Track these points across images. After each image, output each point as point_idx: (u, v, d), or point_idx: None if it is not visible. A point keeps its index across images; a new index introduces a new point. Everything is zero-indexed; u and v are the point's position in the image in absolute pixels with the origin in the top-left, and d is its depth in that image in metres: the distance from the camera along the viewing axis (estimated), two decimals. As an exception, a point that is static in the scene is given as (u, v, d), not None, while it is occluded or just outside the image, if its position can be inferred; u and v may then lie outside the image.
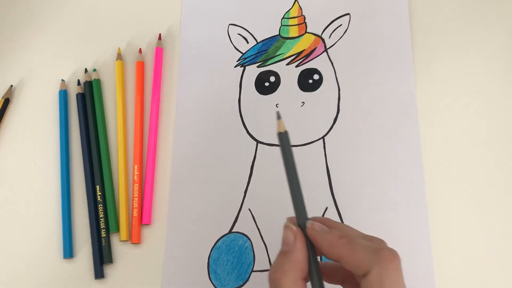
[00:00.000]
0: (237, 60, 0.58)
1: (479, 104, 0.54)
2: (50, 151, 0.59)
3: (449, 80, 0.55)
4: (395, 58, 0.56)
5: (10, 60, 0.64)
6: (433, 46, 0.56)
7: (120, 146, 0.57)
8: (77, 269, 0.54)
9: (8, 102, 0.61)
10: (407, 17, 0.57)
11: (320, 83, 0.56)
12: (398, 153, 0.52)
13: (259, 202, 0.53)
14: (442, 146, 0.53)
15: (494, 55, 0.55)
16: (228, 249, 0.52)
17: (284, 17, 0.59)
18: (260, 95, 0.57)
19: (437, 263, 0.49)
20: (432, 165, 0.52)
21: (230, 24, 0.60)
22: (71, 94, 0.61)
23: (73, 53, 0.63)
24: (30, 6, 0.66)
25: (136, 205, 0.54)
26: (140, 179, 0.56)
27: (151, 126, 0.57)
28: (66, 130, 0.59)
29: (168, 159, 0.56)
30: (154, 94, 0.58)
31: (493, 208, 0.50)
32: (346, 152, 0.53)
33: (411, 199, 0.51)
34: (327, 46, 0.57)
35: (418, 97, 0.54)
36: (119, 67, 0.60)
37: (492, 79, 0.54)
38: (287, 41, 0.58)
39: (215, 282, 0.51)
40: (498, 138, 0.52)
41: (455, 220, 0.50)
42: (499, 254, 0.49)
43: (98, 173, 0.56)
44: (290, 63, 0.57)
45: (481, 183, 0.51)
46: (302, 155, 0.54)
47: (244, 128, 0.56)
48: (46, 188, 0.57)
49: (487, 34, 0.56)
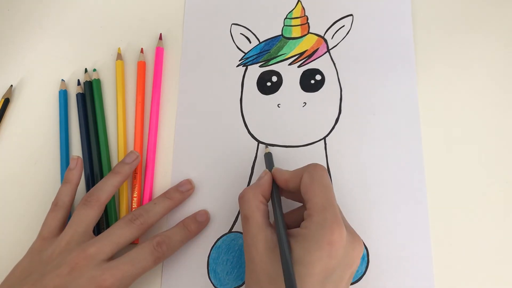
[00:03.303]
0: (239, 60, 0.58)
1: (480, 105, 0.54)
2: (50, 151, 0.59)
3: (451, 81, 0.55)
4: (397, 59, 0.56)
5: (10, 60, 0.64)
6: (435, 47, 0.56)
7: (120, 146, 0.57)
8: (75, 269, 0.53)
9: (8, 102, 0.61)
10: (409, 18, 0.57)
11: (322, 83, 0.56)
12: (400, 153, 0.52)
13: (259, 202, 0.53)
14: (443, 146, 0.53)
15: (496, 57, 0.55)
16: (228, 249, 0.52)
17: (287, 17, 0.59)
18: (262, 95, 0.57)
19: (437, 263, 0.49)
20: (433, 165, 0.52)
21: (232, 24, 0.60)
22: (71, 94, 0.61)
23: (73, 53, 0.63)
24: (30, 6, 0.66)
25: (136, 205, 0.54)
26: (140, 179, 0.55)
27: (151, 126, 0.57)
28: (66, 130, 0.58)
29: (168, 159, 0.56)
30: (155, 94, 0.58)
31: (493, 208, 0.50)
32: (347, 153, 0.53)
33: (412, 200, 0.51)
34: (330, 46, 0.57)
35: (420, 98, 0.54)
36: (119, 67, 0.60)
37: (493, 80, 0.55)
38: (289, 41, 0.58)
39: (215, 281, 0.51)
40: (499, 138, 0.53)
41: (455, 220, 0.50)
42: (499, 254, 0.49)
43: (98, 173, 0.56)
44: (292, 63, 0.57)
45: (481, 184, 0.51)
46: (303, 155, 0.54)
47: (246, 128, 0.56)
48: (46, 188, 0.57)
49: (488, 35, 0.56)
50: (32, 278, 0.45)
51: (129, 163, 0.53)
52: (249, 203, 0.45)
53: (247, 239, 0.43)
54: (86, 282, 0.44)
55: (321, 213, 0.41)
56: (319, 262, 0.39)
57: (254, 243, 0.43)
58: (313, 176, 0.44)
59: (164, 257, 0.49)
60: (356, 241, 0.42)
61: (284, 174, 0.47)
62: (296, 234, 0.42)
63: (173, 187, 0.54)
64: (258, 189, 0.46)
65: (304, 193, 0.43)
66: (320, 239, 0.40)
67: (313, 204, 0.42)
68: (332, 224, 0.40)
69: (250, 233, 0.43)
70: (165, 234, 0.50)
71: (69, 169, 0.53)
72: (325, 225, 0.40)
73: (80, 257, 0.45)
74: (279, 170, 0.48)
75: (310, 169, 0.44)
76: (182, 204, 0.54)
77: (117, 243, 0.47)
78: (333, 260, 0.39)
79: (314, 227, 0.41)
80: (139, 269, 0.46)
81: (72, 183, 0.52)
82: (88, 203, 0.49)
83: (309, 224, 0.41)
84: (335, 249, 0.39)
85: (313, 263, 0.39)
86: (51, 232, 0.50)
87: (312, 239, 0.40)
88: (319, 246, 0.39)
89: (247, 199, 0.45)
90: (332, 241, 0.39)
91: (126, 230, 0.48)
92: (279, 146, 0.54)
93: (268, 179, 0.47)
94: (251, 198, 0.45)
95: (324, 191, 0.43)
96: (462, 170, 0.52)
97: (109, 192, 0.51)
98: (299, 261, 0.40)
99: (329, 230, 0.40)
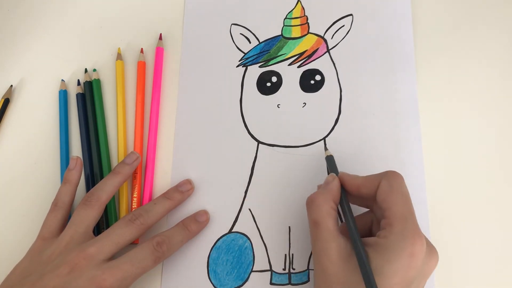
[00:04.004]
0: (239, 60, 0.58)
1: (480, 105, 0.54)
2: (50, 151, 0.59)
3: (451, 81, 0.55)
4: (397, 60, 0.56)
5: (10, 60, 0.64)
6: (435, 47, 0.56)
7: (120, 146, 0.57)
8: (75, 269, 0.53)
9: (8, 102, 0.61)
10: (409, 18, 0.57)
11: (322, 84, 0.56)
12: (400, 154, 0.52)
13: (259, 202, 0.53)
14: (443, 147, 0.53)
15: (496, 57, 0.55)
16: (228, 249, 0.52)
17: (286, 17, 0.59)
18: (261, 95, 0.57)
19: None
20: (433, 166, 0.52)
21: (232, 24, 0.60)
22: (71, 94, 0.61)
23: (73, 53, 0.63)
24: (30, 6, 0.66)
25: (136, 205, 0.54)
26: (140, 179, 0.55)
27: (151, 126, 0.57)
28: (66, 130, 0.58)
29: (168, 159, 0.56)
30: (155, 94, 0.58)
31: (494, 208, 0.51)
32: (347, 153, 0.53)
33: (412, 200, 0.50)
34: (330, 46, 0.57)
35: (420, 99, 0.54)
36: (119, 67, 0.60)
37: (493, 80, 0.55)
38: (289, 42, 0.58)
39: (215, 281, 0.51)
40: (499, 139, 0.53)
41: (455, 220, 0.50)
42: (499, 254, 0.49)
43: (98, 173, 0.56)
44: (292, 64, 0.57)
45: (481, 184, 0.52)
46: (303, 156, 0.53)
47: (245, 128, 0.56)
48: (46, 188, 0.57)
49: (488, 36, 0.56)
50: (32, 279, 0.45)
51: (129, 164, 0.53)
52: (320, 208, 0.43)
53: (318, 245, 0.43)
54: (86, 282, 0.44)
55: (402, 223, 0.40)
56: (399, 273, 0.39)
57: (326, 251, 0.42)
58: (392, 184, 0.42)
59: (164, 257, 0.48)
60: (433, 252, 0.42)
61: (356, 180, 0.45)
62: (373, 244, 0.41)
63: (173, 187, 0.54)
64: (329, 194, 0.44)
65: (382, 200, 0.42)
66: (401, 249, 0.39)
67: (393, 213, 0.41)
68: (414, 235, 0.39)
69: (321, 239, 0.42)
70: (165, 234, 0.50)
71: (69, 169, 0.53)
72: (407, 235, 0.39)
73: (80, 257, 0.45)
74: (348, 174, 0.46)
75: (388, 176, 0.43)
76: (182, 204, 0.54)
77: (117, 243, 0.47)
78: (412, 271, 0.39)
79: (395, 237, 0.40)
80: (139, 269, 0.46)
81: (72, 183, 0.52)
82: (89, 203, 0.49)
83: (388, 234, 0.40)
84: (415, 260, 0.39)
85: (393, 274, 0.39)
86: (51, 232, 0.50)
87: (392, 249, 0.39)
88: (400, 257, 0.39)
89: (317, 204, 0.44)
90: (413, 252, 0.39)
91: (126, 230, 0.48)
92: (279, 146, 0.54)
93: (337, 184, 0.45)
94: (322, 203, 0.44)
95: (405, 200, 0.42)
96: (462, 170, 0.52)
97: (109, 192, 0.51)
98: (378, 271, 0.39)
99: (411, 241, 0.39)
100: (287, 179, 0.53)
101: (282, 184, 0.53)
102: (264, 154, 0.54)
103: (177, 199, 0.53)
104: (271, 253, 0.51)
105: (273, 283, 0.50)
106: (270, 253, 0.51)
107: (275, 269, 0.51)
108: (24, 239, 0.54)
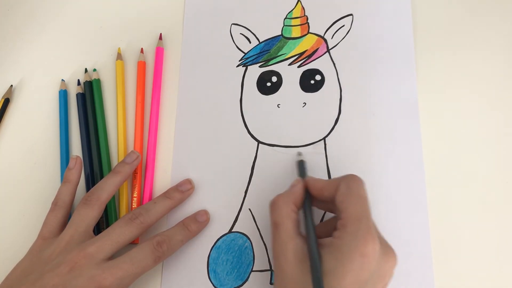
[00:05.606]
0: (239, 60, 0.58)
1: (480, 105, 0.54)
2: (50, 151, 0.59)
3: (451, 81, 0.55)
4: (397, 59, 0.56)
5: (10, 60, 0.64)
6: (435, 47, 0.56)
7: (120, 146, 0.57)
8: (75, 269, 0.53)
9: (8, 102, 0.61)
10: (409, 18, 0.57)
11: (322, 83, 0.56)
12: (400, 154, 0.52)
13: (259, 202, 0.53)
14: (443, 146, 0.53)
15: (496, 56, 0.55)
16: (228, 249, 0.52)
17: (286, 17, 0.59)
18: (261, 95, 0.57)
19: (437, 263, 0.49)
20: (433, 165, 0.52)
21: (232, 24, 0.60)
22: (71, 94, 0.61)
23: (73, 53, 0.63)
24: (30, 6, 0.66)
25: (136, 205, 0.54)
26: (140, 178, 0.55)
27: (151, 126, 0.57)
28: (66, 130, 0.58)
29: (168, 159, 0.56)
30: (155, 94, 0.58)
31: (493, 209, 0.51)
32: (347, 153, 0.53)
33: (412, 200, 0.51)
34: (330, 46, 0.57)
35: (420, 98, 0.54)
36: (119, 67, 0.60)
37: (493, 80, 0.55)
38: (289, 41, 0.58)
39: (215, 281, 0.51)
40: (499, 139, 0.53)
41: (455, 220, 0.50)
42: (499, 254, 0.49)
43: (98, 173, 0.56)
44: (292, 64, 0.57)
45: (481, 184, 0.51)
46: (303, 156, 0.53)
47: (245, 128, 0.56)
48: (46, 188, 0.57)
49: (488, 35, 0.56)
50: (32, 278, 0.45)
51: (129, 163, 0.53)
52: (280, 210, 0.44)
53: (276, 246, 0.43)
54: (85, 281, 0.44)
55: (356, 224, 0.40)
56: (350, 274, 0.38)
57: (283, 251, 0.42)
58: (351, 187, 0.43)
59: (164, 256, 0.48)
60: (389, 254, 0.41)
61: (319, 183, 0.46)
62: (328, 244, 0.41)
63: (173, 186, 0.54)
64: (290, 197, 0.45)
65: (340, 202, 0.42)
66: (352, 250, 0.39)
67: (348, 214, 0.41)
68: (366, 235, 0.39)
69: (279, 240, 0.43)
70: (165, 233, 0.49)
71: (69, 168, 0.53)
72: (359, 235, 0.39)
73: (80, 256, 0.45)
74: (313, 178, 0.47)
75: (347, 179, 0.44)
76: (182, 204, 0.54)
77: (117, 242, 0.47)
78: (365, 272, 0.39)
79: (347, 237, 0.40)
80: (139, 268, 0.46)
81: (72, 183, 0.52)
82: (89, 202, 0.49)
83: (342, 234, 0.40)
84: (368, 261, 0.39)
85: (345, 274, 0.39)
86: (51, 232, 0.50)
87: (344, 249, 0.39)
88: (352, 257, 0.39)
89: (278, 206, 0.44)
90: (365, 253, 0.39)
91: (126, 229, 0.48)
92: (279, 146, 0.54)
93: (301, 187, 0.46)
94: (282, 205, 0.44)
95: (361, 202, 0.42)
96: (462, 170, 0.52)
97: (109, 192, 0.51)
98: (330, 272, 0.39)
99: (363, 242, 0.39)
100: (287, 179, 0.53)
101: (282, 184, 0.53)
102: (264, 154, 0.54)
103: (177, 199, 0.53)
104: (271, 253, 0.51)
105: (273, 283, 0.50)
106: (270, 253, 0.51)
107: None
108: (24, 239, 0.54)
